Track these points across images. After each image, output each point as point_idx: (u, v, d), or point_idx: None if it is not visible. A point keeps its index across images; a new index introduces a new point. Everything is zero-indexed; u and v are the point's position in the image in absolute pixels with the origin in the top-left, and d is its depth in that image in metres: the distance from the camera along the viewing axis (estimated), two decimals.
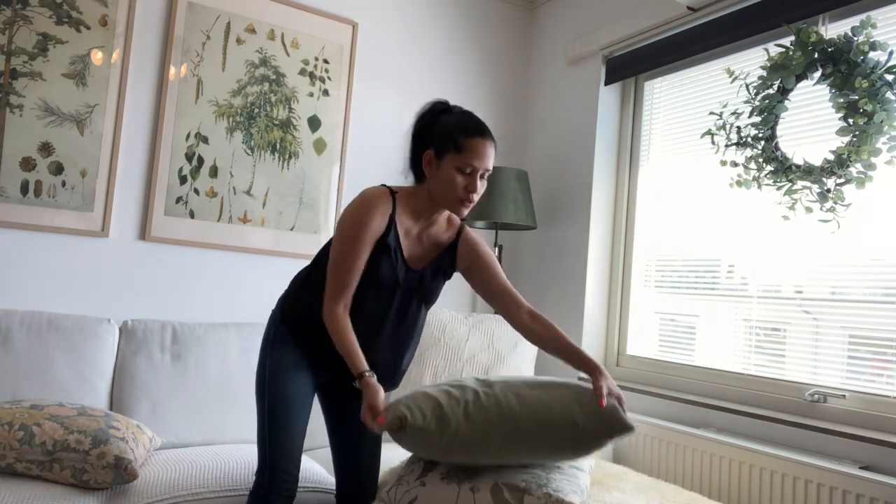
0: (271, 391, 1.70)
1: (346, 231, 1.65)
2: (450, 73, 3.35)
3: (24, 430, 1.82)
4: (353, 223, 1.64)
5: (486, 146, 1.66)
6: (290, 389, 1.71)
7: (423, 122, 1.74)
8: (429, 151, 1.69)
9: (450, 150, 1.66)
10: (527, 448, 1.66)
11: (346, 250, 1.64)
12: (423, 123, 1.74)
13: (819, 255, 2.27)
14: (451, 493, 1.72)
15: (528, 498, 1.67)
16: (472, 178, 1.66)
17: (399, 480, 1.82)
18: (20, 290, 2.43)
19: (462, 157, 1.65)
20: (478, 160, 1.65)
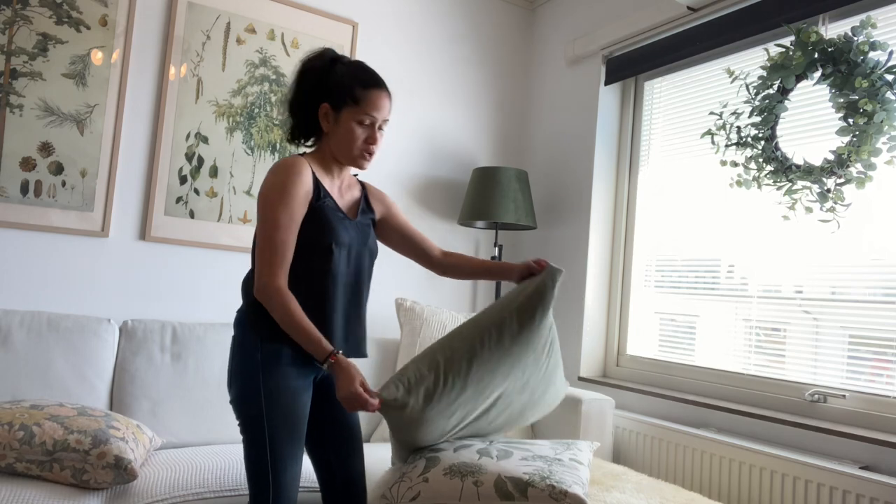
0: (271, 420, 1.56)
1: (274, 200, 1.54)
2: (450, 73, 3.35)
3: (24, 430, 1.82)
4: (281, 190, 1.55)
5: (383, 97, 1.65)
6: (292, 415, 1.59)
7: (314, 73, 1.65)
8: (324, 105, 1.64)
9: (347, 103, 1.63)
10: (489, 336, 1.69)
11: (281, 219, 1.54)
12: (316, 75, 1.65)
13: (819, 255, 2.27)
14: (454, 488, 1.73)
15: (532, 490, 1.68)
16: (372, 130, 1.66)
17: (402, 477, 1.82)
18: (20, 290, 2.43)
19: (361, 109, 1.63)
20: (376, 111, 1.64)
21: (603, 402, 2.52)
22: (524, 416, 1.94)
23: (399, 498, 1.78)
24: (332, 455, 1.76)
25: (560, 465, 1.79)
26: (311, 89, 1.65)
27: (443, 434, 1.82)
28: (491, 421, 1.87)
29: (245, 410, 1.59)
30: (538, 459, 1.82)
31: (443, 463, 1.80)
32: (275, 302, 1.52)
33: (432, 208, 3.29)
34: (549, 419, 2.57)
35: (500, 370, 1.72)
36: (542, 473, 1.72)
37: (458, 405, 1.72)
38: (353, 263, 1.69)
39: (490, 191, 2.98)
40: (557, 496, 1.66)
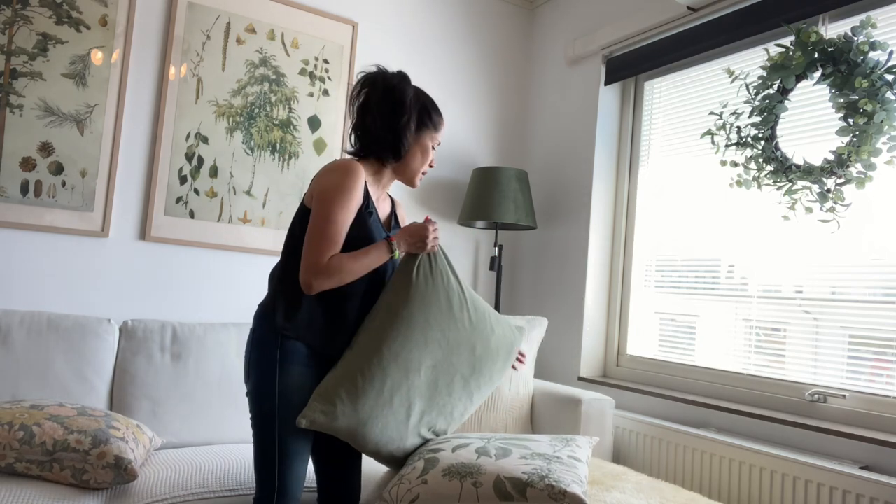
0: (283, 419, 1.61)
1: (335, 199, 1.60)
2: (450, 73, 3.35)
3: (24, 430, 1.82)
4: (343, 190, 1.61)
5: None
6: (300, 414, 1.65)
7: (399, 93, 1.72)
8: (421, 137, 1.76)
9: (428, 126, 1.76)
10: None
11: (339, 217, 1.60)
12: (401, 95, 1.72)
13: (819, 255, 2.27)
14: (453, 489, 1.73)
15: (531, 490, 1.68)
16: (433, 153, 1.82)
17: (400, 479, 1.82)
18: (20, 290, 2.43)
19: (436, 134, 1.79)
20: (442, 136, 1.85)
21: (603, 402, 2.52)
22: (483, 371, 1.86)
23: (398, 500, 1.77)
24: (330, 466, 1.82)
25: (559, 464, 1.79)
26: (404, 110, 1.72)
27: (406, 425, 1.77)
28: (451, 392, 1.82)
29: (259, 405, 1.62)
30: (537, 458, 1.81)
31: (441, 464, 1.80)
32: (329, 273, 1.58)
33: (432, 208, 3.29)
34: (550, 419, 2.58)
35: (414, 338, 1.71)
36: (541, 473, 1.72)
37: (393, 390, 1.70)
38: (380, 273, 1.76)
39: (490, 191, 2.98)
40: (556, 496, 1.66)
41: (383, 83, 1.73)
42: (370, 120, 1.72)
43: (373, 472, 2.15)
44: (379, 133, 1.72)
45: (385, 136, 1.71)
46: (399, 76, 1.75)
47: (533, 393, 2.68)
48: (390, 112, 1.71)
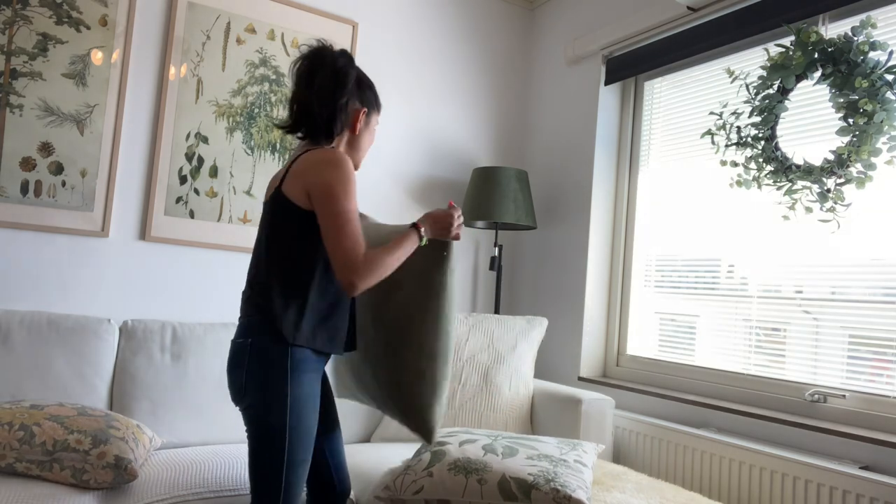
0: (293, 429, 1.56)
1: (345, 191, 1.55)
2: (450, 73, 3.35)
3: (24, 430, 1.82)
4: (347, 182, 1.56)
5: None
6: (311, 421, 1.60)
7: (347, 75, 1.68)
8: (362, 108, 1.73)
9: (374, 108, 1.77)
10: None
11: (352, 210, 1.56)
12: (349, 77, 1.68)
13: (819, 255, 2.27)
14: (458, 485, 1.73)
15: (535, 492, 1.68)
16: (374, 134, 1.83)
17: (406, 470, 1.83)
18: (20, 290, 2.43)
19: (379, 115, 1.81)
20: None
21: (603, 402, 2.52)
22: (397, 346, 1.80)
23: (402, 490, 1.78)
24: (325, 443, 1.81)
25: (565, 467, 1.79)
26: (345, 90, 1.68)
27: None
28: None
29: (264, 417, 1.56)
30: (543, 459, 1.81)
31: (448, 458, 1.80)
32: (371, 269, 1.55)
33: (432, 208, 3.29)
34: (550, 419, 2.58)
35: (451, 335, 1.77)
36: (547, 475, 1.72)
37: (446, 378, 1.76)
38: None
39: (490, 191, 2.98)
40: (561, 500, 1.66)
41: (329, 60, 1.68)
42: (312, 95, 1.66)
43: (373, 471, 2.15)
44: (322, 108, 1.66)
45: (325, 112, 1.66)
46: (345, 55, 1.70)
47: (533, 393, 2.68)
48: (334, 87, 1.66)
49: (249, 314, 1.63)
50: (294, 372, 1.57)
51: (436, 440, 1.86)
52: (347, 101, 1.69)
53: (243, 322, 1.64)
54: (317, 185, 1.56)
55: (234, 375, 1.61)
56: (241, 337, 1.62)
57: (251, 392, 1.58)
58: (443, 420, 1.86)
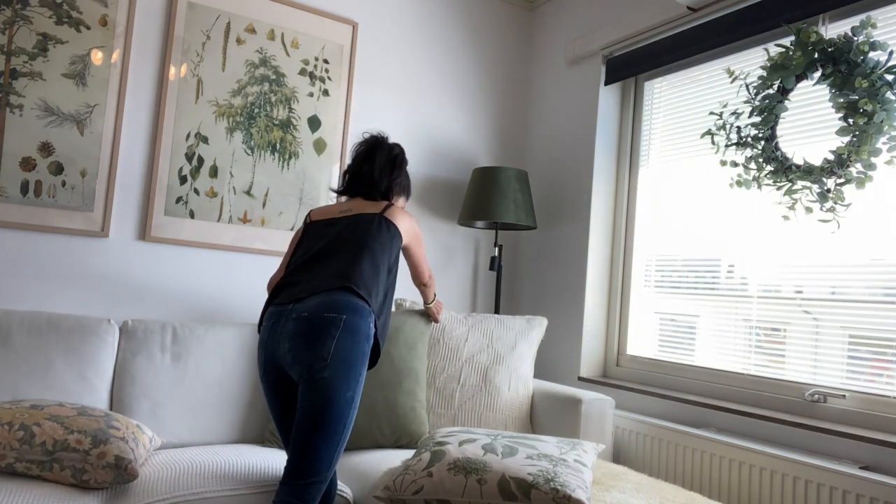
0: (356, 406, 1.80)
1: (421, 241, 2.24)
2: (450, 73, 3.35)
3: (24, 430, 1.82)
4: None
5: None
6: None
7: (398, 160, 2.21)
8: (403, 196, 2.26)
9: (403, 194, 2.26)
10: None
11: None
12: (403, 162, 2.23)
13: (819, 255, 2.27)
14: (457, 485, 1.73)
15: (535, 492, 1.68)
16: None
17: (405, 470, 1.83)
18: (20, 290, 2.43)
19: (406, 202, 2.32)
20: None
21: (603, 402, 2.52)
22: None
23: (402, 490, 1.78)
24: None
25: (565, 467, 1.79)
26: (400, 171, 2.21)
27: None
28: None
29: (342, 392, 1.74)
30: (543, 459, 1.81)
31: (447, 458, 1.80)
32: (433, 282, 2.43)
33: (432, 208, 3.29)
34: (550, 419, 2.58)
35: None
36: (547, 475, 1.72)
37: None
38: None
39: (490, 191, 2.98)
40: (561, 500, 1.66)
41: (388, 147, 2.20)
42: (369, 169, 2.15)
43: (373, 471, 2.14)
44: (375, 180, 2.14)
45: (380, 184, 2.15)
46: (400, 147, 2.23)
47: (533, 393, 2.68)
48: (390, 169, 2.17)
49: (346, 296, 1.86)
50: (367, 358, 1.83)
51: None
52: (395, 181, 2.18)
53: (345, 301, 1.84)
54: (414, 232, 2.17)
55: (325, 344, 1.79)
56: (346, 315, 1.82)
57: (335, 363, 1.77)
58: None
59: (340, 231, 2.01)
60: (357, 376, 1.77)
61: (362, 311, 1.83)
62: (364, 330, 1.81)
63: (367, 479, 2.12)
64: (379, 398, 2.41)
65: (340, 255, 1.94)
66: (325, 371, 1.73)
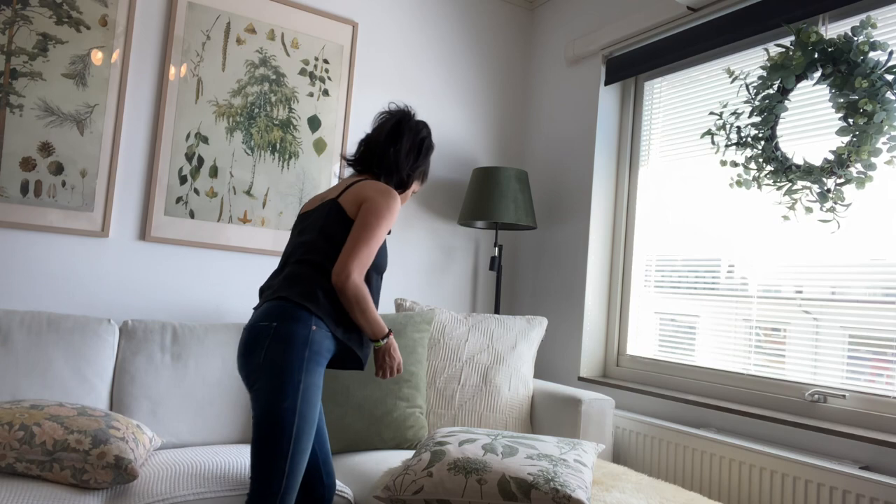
0: (302, 416, 1.66)
1: (384, 219, 1.80)
2: (450, 73, 3.35)
3: (24, 430, 1.82)
4: (390, 215, 1.81)
5: None
6: (316, 410, 1.71)
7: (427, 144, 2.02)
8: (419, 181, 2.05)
9: (421, 178, 2.05)
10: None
11: (381, 235, 1.79)
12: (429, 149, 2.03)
13: (819, 255, 2.27)
14: (457, 485, 1.73)
15: (535, 492, 1.68)
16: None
17: (406, 470, 1.83)
18: (20, 290, 2.43)
19: (421, 186, 2.11)
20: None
21: (603, 402, 2.52)
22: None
23: (402, 490, 1.78)
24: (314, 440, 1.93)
25: (565, 467, 1.79)
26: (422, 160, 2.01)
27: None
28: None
29: (277, 402, 1.64)
30: (543, 459, 1.81)
31: (447, 458, 1.80)
32: (357, 291, 1.74)
33: (432, 208, 3.29)
34: (550, 419, 2.58)
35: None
36: (547, 475, 1.72)
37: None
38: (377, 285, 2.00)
39: (490, 191, 2.98)
40: (561, 500, 1.66)
41: (416, 127, 1.99)
42: (394, 151, 1.93)
43: (372, 471, 2.15)
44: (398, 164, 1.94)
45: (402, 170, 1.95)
46: (428, 129, 2.03)
47: (533, 393, 2.68)
48: (416, 155, 1.97)
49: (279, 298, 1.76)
50: (310, 362, 1.71)
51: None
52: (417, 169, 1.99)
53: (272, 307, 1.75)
54: (369, 200, 1.81)
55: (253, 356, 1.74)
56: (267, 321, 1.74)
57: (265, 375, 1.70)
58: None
59: (305, 227, 1.89)
60: (294, 385, 1.65)
61: (298, 316, 1.70)
62: (300, 335, 1.68)
63: (367, 479, 2.12)
64: (378, 404, 2.41)
65: (294, 257, 1.84)
66: (258, 382, 1.67)
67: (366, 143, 1.97)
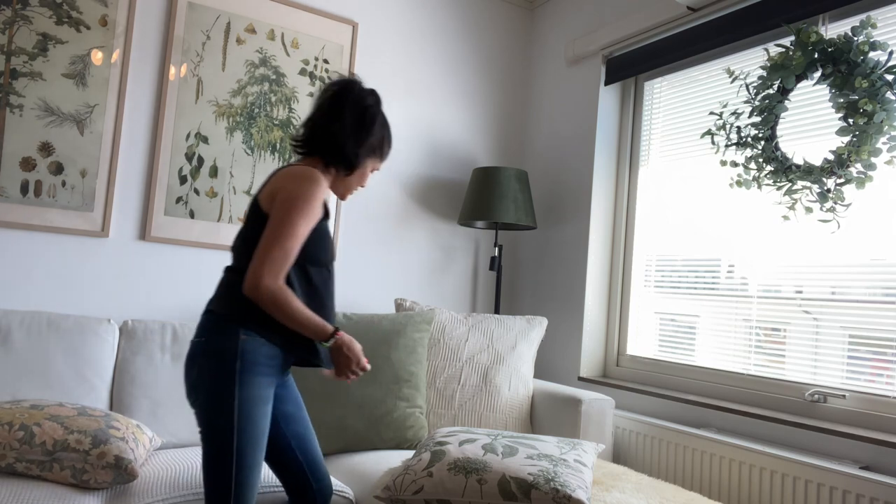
0: (241, 431, 1.57)
1: (299, 209, 1.60)
2: (450, 73, 3.35)
3: (24, 430, 1.82)
4: (308, 200, 1.61)
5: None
6: (261, 424, 1.62)
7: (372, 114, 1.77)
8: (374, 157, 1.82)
9: (376, 153, 1.82)
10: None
11: (300, 229, 1.60)
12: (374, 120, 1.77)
13: (819, 255, 2.27)
14: (458, 485, 1.73)
15: (535, 492, 1.68)
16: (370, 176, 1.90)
17: (406, 470, 1.83)
18: (20, 290, 2.43)
19: (380, 162, 1.86)
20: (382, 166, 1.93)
21: (603, 402, 2.52)
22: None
23: (402, 490, 1.78)
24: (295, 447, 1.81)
25: (565, 467, 1.79)
26: (369, 134, 1.77)
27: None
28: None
29: (213, 419, 1.58)
30: (543, 459, 1.81)
31: (447, 458, 1.80)
32: (273, 298, 1.57)
33: (432, 208, 3.29)
34: (550, 419, 2.58)
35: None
36: (547, 475, 1.72)
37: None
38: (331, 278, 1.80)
39: (490, 191, 2.98)
40: (561, 500, 1.66)
41: (360, 98, 1.76)
42: (337, 127, 1.73)
43: (372, 471, 2.15)
44: (340, 143, 1.73)
45: (345, 149, 1.73)
46: (376, 98, 1.79)
47: (533, 393, 2.68)
48: (359, 129, 1.74)
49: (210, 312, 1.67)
50: (242, 374, 1.60)
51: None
52: (371, 144, 1.77)
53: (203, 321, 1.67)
54: (282, 191, 1.62)
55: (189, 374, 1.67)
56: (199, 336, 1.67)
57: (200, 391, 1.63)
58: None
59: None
60: (228, 401, 1.56)
61: (224, 329, 1.61)
62: (229, 349, 1.59)
63: (367, 479, 2.12)
64: (378, 404, 2.40)
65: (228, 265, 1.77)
66: (196, 399, 1.61)
67: (308, 123, 1.77)
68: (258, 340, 1.62)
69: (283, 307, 1.57)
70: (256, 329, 1.62)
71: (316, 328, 1.62)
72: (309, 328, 1.62)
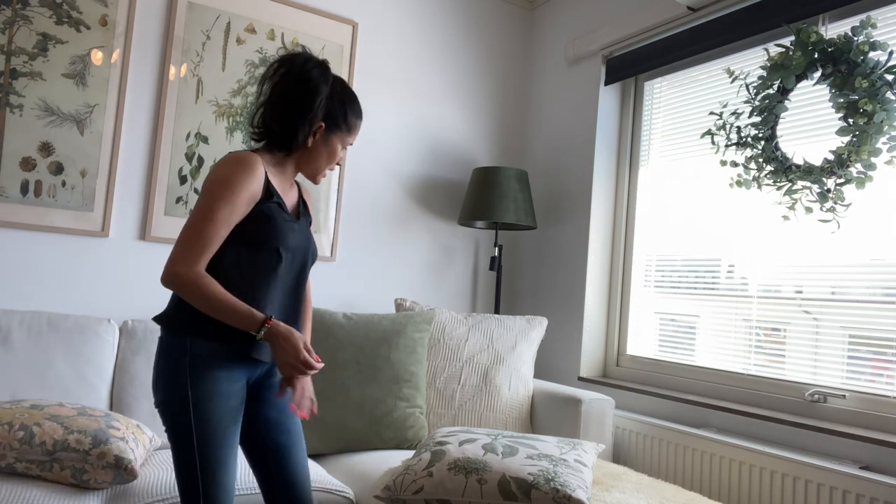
0: (199, 425, 1.52)
1: (218, 193, 1.50)
2: (450, 73, 3.35)
3: (24, 430, 1.82)
4: (227, 185, 1.51)
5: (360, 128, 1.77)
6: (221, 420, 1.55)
7: (317, 92, 1.62)
8: (321, 124, 1.63)
9: (341, 128, 1.67)
10: None
11: (219, 214, 1.50)
12: (319, 94, 1.62)
13: (819, 255, 2.27)
14: (458, 485, 1.73)
15: (535, 492, 1.68)
16: (342, 153, 1.73)
17: (406, 470, 1.83)
18: (20, 290, 2.43)
19: (349, 136, 1.70)
20: (355, 139, 1.74)
21: (603, 402, 2.52)
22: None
23: (402, 490, 1.78)
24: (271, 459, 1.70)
25: (565, 467, 1.79)
26: (312, 103, 1.61)
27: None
28: None
29: (172, 415, 1.54)
30: (543, 459, 1.81)
31: (447, 457, 1.80)
32: (195, 287, 1.47)
33: (432, 208, 3.29)
34: (550, 419, 2.58)
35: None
36: (547, 475, 1.72)
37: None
38: (297, 266, 1.68)
39: (490, 191, 2.98)
40: (561, 500, 1.66)
41: (302, 70, 1.61)
42: (271, 107, 1.61)
43: (372, 471, 2.15)
44: (276, 122, 1.61)
45: (281, 126, 1.61)
46: (320, 67, 1.63)
47: (533, 393, 2.68)
48: (298, 106, 1.60)
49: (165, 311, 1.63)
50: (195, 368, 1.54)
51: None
52: (313, 116, 1.61)
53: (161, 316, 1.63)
54: (206, 179, 1.54)
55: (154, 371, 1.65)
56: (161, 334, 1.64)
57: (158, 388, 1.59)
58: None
59: None
60: (181, 395, 1.52)
61: (168, 327, 1.57)
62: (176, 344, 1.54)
63: (367, 479, 2.12)
64: (378, 404, 2.40)
65: None
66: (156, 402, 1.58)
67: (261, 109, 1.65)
68: (198, 335, 1.55)
69: (200, 294, 1.47)
70: (190, 324, 1.54)
71: (242, 316, 1.49)
72: (234, 316, 1.48)
